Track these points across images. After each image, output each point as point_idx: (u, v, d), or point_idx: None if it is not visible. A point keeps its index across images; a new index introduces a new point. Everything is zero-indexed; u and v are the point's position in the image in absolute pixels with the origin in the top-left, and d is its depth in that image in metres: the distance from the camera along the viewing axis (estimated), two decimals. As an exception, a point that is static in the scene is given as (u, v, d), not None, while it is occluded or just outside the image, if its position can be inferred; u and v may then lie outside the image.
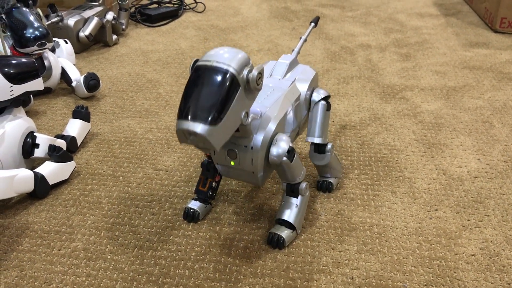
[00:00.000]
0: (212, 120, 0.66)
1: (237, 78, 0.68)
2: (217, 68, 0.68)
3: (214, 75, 0.68)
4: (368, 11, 2.15)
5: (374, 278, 0.78)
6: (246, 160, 0.79)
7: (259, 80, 0.71)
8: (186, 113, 0.67)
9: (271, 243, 0.85)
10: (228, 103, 0.68)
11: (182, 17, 2.11)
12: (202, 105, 0.67)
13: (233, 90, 0.68)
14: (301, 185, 0.85)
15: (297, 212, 0.86)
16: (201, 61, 0.70)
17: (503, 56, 1.61)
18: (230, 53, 0.70)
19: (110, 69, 1.58)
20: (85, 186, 1.01)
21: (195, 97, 0.67)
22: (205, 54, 0.71)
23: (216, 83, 0.67)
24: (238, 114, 0.70)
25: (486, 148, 1.12)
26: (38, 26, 1.25)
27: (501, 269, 0.79)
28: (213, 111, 0.66)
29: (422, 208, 0.93)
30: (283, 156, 0.79)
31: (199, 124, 0.66)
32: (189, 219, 0.91)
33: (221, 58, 0.69)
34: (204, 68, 0.69)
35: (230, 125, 0.70)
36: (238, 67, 0.68)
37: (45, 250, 0.85)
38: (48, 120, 1.28)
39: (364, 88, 1.42)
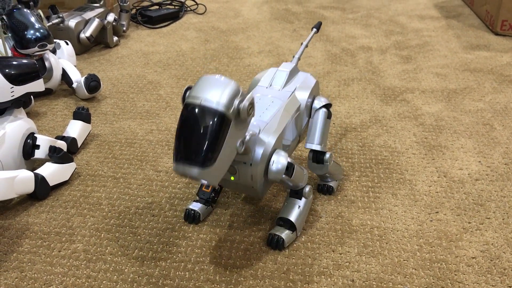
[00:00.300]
0: (206, 163, 0.67)
1: (227, 115, 0.67)
2: (206, 108, 0.67)
3: (204, 116, 0.67)
4: (369, 13, 2.15)
5: (375, 280, 0.78)
6: (245, 176, 0.79)
7: (250, 110, 0.70)
8: (180, 156, 0.68)
9: (271, 244, 0.85)
10: (220, 143, 0.68)
11: (183, 18, 2.11)
12: (195, 149, 0.67)
13: (225, 128, 0.68)
14: (305, 189, 0.86)
15: (299, 213, 0.86)
16: (190, 98, 0.68)
17: (504, 59, 1.61)
18: (218, 87, 0.68)
19: (110, 70, 1.58)
20: (85, 188, 1.01)
21: (188, 139, 0.68)
22: (196, 84, 0.70)
23: (206, 125, 0.67)
24: (233, 146, 0.71)
25: (487, 151, 1.12)
26: (39, 27, 1.25)
27: (502, 272, 0.79)
28: (207, 155, 0.67)
29: (423, 211, 0.93)
30: (282, 174, 0.79)
31: (194, 168, 0.67)
32: (189, 220, 0.91)
33: (210, 95, 0.67)
34: (194, 108, 0.67)
35: (226, 160, 0.71)
36: (227, 103, 0.67)
37: (45, 251, 0.85)
38: (49, 121, 1.28)
39: (365, 90, 1.42)
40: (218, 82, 0.69)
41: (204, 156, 0.67)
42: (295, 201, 0.87)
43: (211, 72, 1.55)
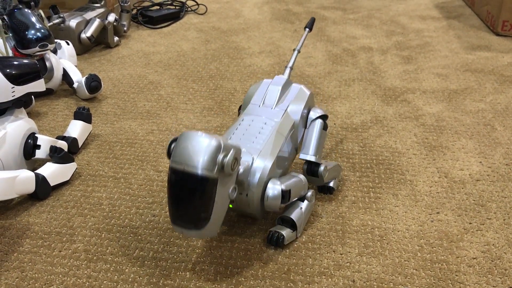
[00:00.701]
0: (201, 225, 0.71)
1: (212, 176, 0.69)
2: (189, 174, 0.68)
3: (189, 183, 0.69)
4: (369, 14, 2.15)
5: (376, 281, 0.78)
6: (242, 204, 0.82)
7: (234, 165, 0.71)
8: (176, 221, 0.72)
9: (271, 241, 0.85)
10: (211, 203, 0.70)
11: (184, 19, 2.11)
12: (188, 215, 0.71)
13: (211, 189, 0.69)
14: (308, 193, 0.87)
15: (301, 213, 0.86)
16: (174, 163, 0.70)
17: (505, 59, 1.61)
18: (199, 148, 0.69)
19: (111, 70, 1.58)
20: (86, 188, 1.01)
21: (179, 205, 0.71)
22: (177, 145, 0.71)
23: (193, 191, 0.69)
24: (225, 197, 0.73)
25: (488, 151, 1.11)
26: (40, 27, 1.25)
27: (503, 273, 0.79)
28: (200, 217, 0.70)
29: (424, 211, 0.93)
30: (279, 204, 0.80)
31: (191, 231, 0.72)
32: None
33: (191, 160, 0.68)
34: (178, 173, 0.69)
35: (220, 212, 0.73)
36: (209, 165, 0.68)
37: (45, 251, 0.85)
38: (50, 121, 1.28)
39: (366, 91, 1.42)
40: (199, 141, 0.69)
41: (197, 220, 0.71)
42: (297, 203, 0.87)
43: (212, 73, 1.55)
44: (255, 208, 0.81)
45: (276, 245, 0.85)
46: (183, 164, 0.69)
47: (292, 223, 0.85)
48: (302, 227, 0.88)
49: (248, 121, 0.89)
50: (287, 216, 0.85)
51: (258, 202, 0.81)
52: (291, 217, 0.85)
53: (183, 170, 0.69)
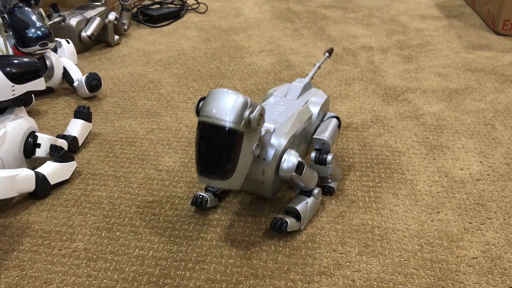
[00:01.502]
0: (227, 176, 0.75)
1: (239, 129, 0.73)
2: (218, 126, 0.73)
3: (217, 134, 0.73)
4: (370, 13, 2.14)
5: (375, 280, 0.78)
6: (257, 170, 0.84)
7: (260, 120, 0.76)
8: (203, 170, 0.75)
9: (274, 227, 0.86)
10: (237, 155, 0.75)
11: (184, 17, 2.11)
12: (215, 164, 0.74)
13: (238, 142, 0.74)
14: (314, 190, 0.89)
15: (306, 207, 0.88)
16: (203, 117, 0.74)
17: (506, 59, 1.61)
18: (228, 103, 0.73)
19: (111, 69, 1.58)
20: (86, 186, 1.01)
21: (207, 155, 0.75)
22: (206, 99, 0.75)
23: (221, 142, 0.73)
24: (249, 153, 0.78)
25: (488, 151, 1.11)
26: (40, 26, 1.25)
27: (503, 272, 0.79)
28: (226, 168, 0.74)
29: (424, 211, 0.93)
30: (292, 171, 0.83)
31: (217, 180, 0.75)
32: (196, 204, 0.92)
33: (220, 113, 0.73)
34: (207, 126, 0.74)
35: (244, 166, 0.78)
36: (237, 118, 0.73)
37: (45, 250, 0.85)
38: (50, 120, 1.28)
39: (366, 90, 1.42)
40: (227, 97, 0.74)
41: (224, 170, 0.74)
42: (303, 197, 0.90)
43: (212, 72, 1.55)
44: (269, 176, 0.83)
45: (279, 231, 0.86)
46: (212, 118, 0.73)
47: (297, 214, 0.87)
48: (306, 221, 0.89)
49: (271, 104, 0.95)
50: (292, 206, 0.87)
51: (273, 168, 0.83)
52: (296, 207, 0.87)
53: (212, 123, 0.73)
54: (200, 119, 0.75)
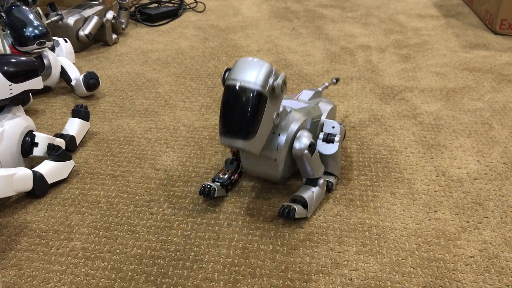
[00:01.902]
0: (249, 136, 0.79)
1: (264, 93, 0.79)
2: (244, 88, 0.78)
3: (243, 96, 0.78)
4: (368, 12, 2.15)
5: (373, 279, 0.78)
6: (272, 146, 0.87)
7: (283, 87, 0.81)
8: (226, 131, 0.80)
9: (282, 213, 0.88)
10: (260, 118, 0.79)
11: (182, 16, 2.11)
12: (239, 124, 0.79)
13: (262, 105, 0.79)
14: (320, 180, 0.91)
15: (312, 196, 0.90)
16: (230, 80, 0.80)
17: (503, 58, 1.61)
18: (254, 69, 0.79)
19: (109, 68, 1.58)
20: (84, 185, 1.01)
21: (232, 116, 0.79)
22: (234, 67, 0.81)
23: (247, 103, 0.78)
24: (270, 119, 0.82)
25: (485, 150, 1.12)
26: (37, 24, 1.25)
27: (500, 271, 0.79)
28: (249, 129, 0.79)
29: (421, 210, 0.93)
30: (305, 149, 0.86)
31: (239, 140, 0.79)
32: (204, 194, 0.93)
33: (247, 77, 0.78)
34: (233, 89, 0.79)
35: (265, 131, 0.82)
36: (263, 82, 0.78)
37: (43, 249, 0.84)
38: (47, 119, 1.27)
39: (364, 89, 1.42)
40: (254, 64, 0.80)
41: (247, 131, 0.79)
42: (309, 187, 0.92)
43: (210, 71, 1.55)
44: (282, 152, 0.87)
45: (287, 218, 0.88)
46: (239, 81, 0.79)
47: (304, 202, 0.89)
48: (313, 210, 0.91)
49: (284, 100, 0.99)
50: (299, 195, 0.89)
51: (287, 145, 0.87)
52: (304, 196, 0.89)
53: (239, 86, 0.78)
54: (227, 84, 0.80)
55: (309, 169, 0.90)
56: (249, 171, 0.95)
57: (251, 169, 0.94)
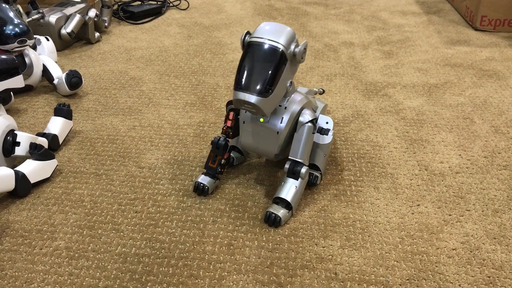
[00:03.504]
0: (265, 93, 0.81)
1: (286, 54, 0.81)
2: (268, 46, 0.81)
3: (266, 52, 0.81)
4: (351, 9, 2.16)
5: (357, 273, 0.79)
6: (277, 117, 0.89)
7: (303, 54, 0.83)
8: (242, 85, 0.81)
9: (268, 221, 0.88)
10: (277, 77, 0.81)
11: (166, 14, 2.10)
12: (256, 79, 0.80)
13: (282, 65, 0.81)
14: (303, 169, 0.90)
15: (296, 192, 0.90)
16: (254, 38, 0.82)
17: (484, 54, 1.64)
18: (279, 30, 0.82)
19: (92, 66, 1.57)
20: (67, 185, 1.00)
21: (250, 71, 0.81)
22: (256, 29, 0.83)
23: (268, 60, 0.80)
24: (285, 84, 0.84)
25: (467, 144, 1.13)
26: (18, 22, 1.23)
27: (481, 263, 0.81)
28: (266, 85, 0.80)
29: (405, 204, 0.94)
30: (308, 122, 0.89)
31: (254, 96, 0.80)
32: (198, 192, 0.96)
33: (272, 36, 0.81)
34: (257, 45, 0.81)
35: (278, 94, 0.84)
36: (287, 44, 0.81)
37: (26, 249, 0.84)
38: (30, 118, 1.26)
39: (347, 85, 1.43)
40: (278, 26, 0.83)
41: (264, 87, 0.80)
42: (291, 181, 0.91)
43: (194, 68, 1.55)
44: (286, 125, 0.88)
45: (272, 225, 0.88)
46: (264, 39, 0.81)
47: (287, 203, 0.89)
48: (297, 205, 0.92)
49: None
50: (282, 198, 0.89)
51: (291, 119, 0.89)
52: (287, 199, 0.89)
53: (263, 43, 0.81)
54: (251, 41, 0.82)
55: (300, 149, 0.90)
56: (247, 145, 0.94)
57: (249, 143, 0.94)
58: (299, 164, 0.90)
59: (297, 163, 0.90)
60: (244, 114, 0.92)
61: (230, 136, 0.97)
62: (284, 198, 0.89)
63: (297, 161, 0.90)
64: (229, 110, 0.96)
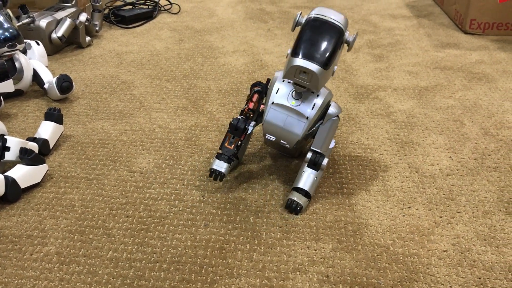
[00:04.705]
0: (325, 64, 0.83)
1: (344, 36, 0.85)
2: (333, 23, 0.84)
3: (330, 29, 0.84)
4: (342, 13, 2.17)
5: (349, 275, 0.79)
6: (307, 102, 0.90)
7: (353, 43, 0.87)
8: (304, 53, 0.83)
9: (290, 207, 0.92)
10: (336, 53, 0.84)
11: (157, 18, 2.10)
12: (319, 50, 0.83)
13: (340, 45, 0.85)
14: (324, 161, 0.93)
15: (314, 183, 0.93)
16: (317, 15, 0.85)
17: (473, 57, 1.65)
18: (338, 14, 0.86)
19: (83, 70, 1.56)
20: (58, 189, 1.00)
21: (313, 42, 0.83)
22: (315, 9, 0.87)
23: (331, 35, 0.84)
24: (334, 66, 0.87)
25: (457, 146, 1.14)
26: (8, 27, 1.23)
27: (472, 264, 0.81)
28: (327, 57, 0.83)
29: (396, 206, 0.95)
30: (336, 114, 0.92)
31: (315, 64, 0.82)
32: (215, 177, 0.96)
33: (335, 17, 0.85)
34: (322, 21, 0.84)
35: (330, 74, 0.87)
36: (345, 27, 0.86)
37: (16, 255, 0.83)
38: (20, 123, 1.25)
39: (338, 89, 1.43)
40: (336, 12, 0.87)
41: (325, 59, 0.83)
42: (312, 172, 0.93)
43: (185, 72, 1.55)
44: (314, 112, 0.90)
45: (292, 212, 0.92)
46: (327, 17, 0.85)
47: (307, 193, 0.92)
48: (313, 195, 0.96)
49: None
50: (302, 188, 0.92)
51: (321, 108, 0.91)
52: (309, 191, 0.92)
53: (327, 20, 0.84)
54: (314, 16, 0.85)
55: (322, 141, 0.92)
56: (271, 127, 0.94)
57: (274, 125, 0.93)
58: (322, 155, 0.93)
59: (319, 154, 0.92)
60: (274, 95, 0.92)
61: (250, 118, 0.96)
62: (304, 188, 0.92)
63: (320, 152, 0.92)
64: (254, 92, 0.95)
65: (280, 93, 0.91)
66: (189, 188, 1.00)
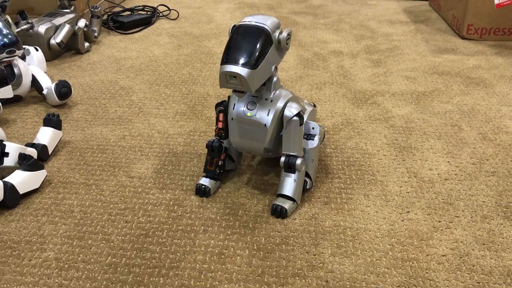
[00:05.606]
0: (251, 65, 0.84)
1: (271, 36, 0.86)
2: (255, 26, 0.86)
3: (253, 32, 0.86)
4: (340, 19, 2.18)
5: (348, 280, 0.79)
6: (263, 111, 0.91)
7: (288, 40, 0.89)
8: (230, 59, 0.85)
9: (275, 213, 0.93)
10: (263, 54, 0.85)
11: (155, 24, 2.10)
12: (243, 53, 0.84)
13: (268, 45, 0.86)
14: (297, 161, 0.93)
15: (296, 186, 0.94)
16: (242, 22, 0.88)
17: (470, 62, 1.66)
18: (265, 17, 0.88)
19: (82, 76, 1.57)
20: (56, 195, 0.99)
21: (238, 48, 0.85)
22: (244, 19, 0.89)
23: (255, 37, 0.85)
24: (270, 66, 0.88)
25: (455, 151, 1.14)
26: (7, 33, 1.23)
27: (471, 269, 0.81)
28: (253, 58, 0.84)
29: (394, 211, 0.95)
30: (294, 116, 0.91)
31: (241, 67, 0.83)
32: (200, 194, 0.99)
33: (259, 20, 0.87)
34: (245, 26, 0.87)
35: (263, 73, 0.87)
36: (272, 27, 0.87)
37: (15, 261, 0.83)
38: (18, 128, 1.25)
39: (337, 94, 1.44)
40: (264, 15, 0.89)
41: (251, 59, 0.84)
42: (290, 176, 0.94)
43: (184, 78, 1.55)
44: (272, 117, 0.91)
45: (279, 217, 0.93)
46: (252, 22, 0.87)
47: (290, 197, 0.93)
48: (300, 196, 0.96)
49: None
50: (284, 194, 0.94)
51: (278, 111, 0.91)
52: (289, 194, 0.93)
53: (252, 25, 0.87)
54: (239, 24, 0.88)
55: (292, 143, 0.92)
56: (237, 142, 0.97)
57: (238, 140, 0.96)
58: (293, 157, 0.93)
59: (291, 156, 0.93)
60: (231, 111, 0.94)
61: (223, 137, 0.99)
62: (285, 194, 0.93)
63: (291, 154, 0.93)
64: (218, 111, 0.97)
65: (237, 108, 0.93)
66: (188, 194, 1.00)
